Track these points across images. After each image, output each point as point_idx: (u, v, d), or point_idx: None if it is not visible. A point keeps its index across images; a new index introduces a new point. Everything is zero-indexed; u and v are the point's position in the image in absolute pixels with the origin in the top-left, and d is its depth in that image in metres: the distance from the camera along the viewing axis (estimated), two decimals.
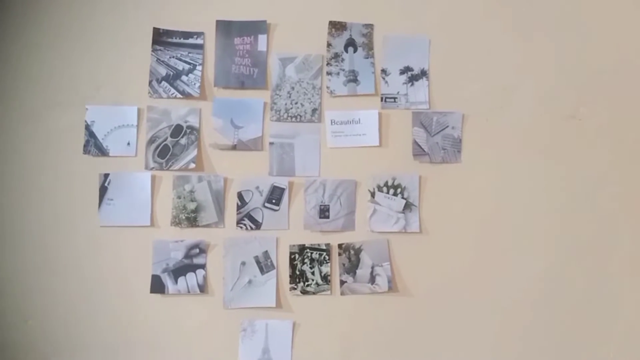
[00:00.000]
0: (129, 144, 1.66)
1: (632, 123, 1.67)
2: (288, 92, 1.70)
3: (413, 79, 1.70)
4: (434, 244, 1.64)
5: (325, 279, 1.64)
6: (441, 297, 1.64)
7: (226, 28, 1.71)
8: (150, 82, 1.68)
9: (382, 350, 1.63)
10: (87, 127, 1.66)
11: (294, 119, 1.69)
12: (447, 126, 1.67)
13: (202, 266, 1.64)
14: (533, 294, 1.64)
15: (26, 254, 1.64)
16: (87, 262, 1.64)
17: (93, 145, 1.66)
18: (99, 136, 1.66)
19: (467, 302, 1.64)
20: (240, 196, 1.66)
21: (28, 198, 1.64)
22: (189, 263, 1.63)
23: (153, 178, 1.65)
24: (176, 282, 1.63)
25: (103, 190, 1.64)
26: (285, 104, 1.69)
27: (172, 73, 1.69)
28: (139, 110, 1.67)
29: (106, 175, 1.65)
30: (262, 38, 1.71)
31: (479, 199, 1.66)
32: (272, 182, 1.66)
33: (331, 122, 1.68)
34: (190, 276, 1.63)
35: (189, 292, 1.63)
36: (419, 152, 1.67)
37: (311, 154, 1.68)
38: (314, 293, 1.64)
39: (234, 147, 1.67)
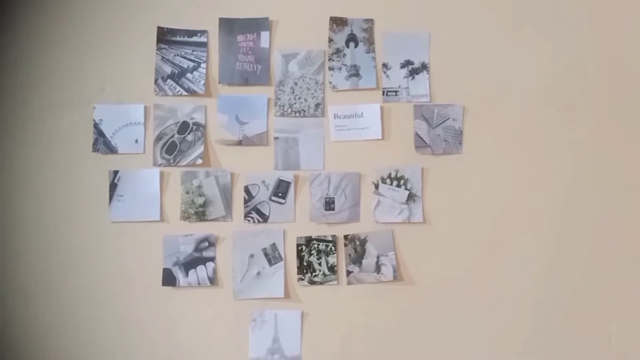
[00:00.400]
0: (136, 141, 1.70)
1: (629, 115, 1.70)
2: (291, 88, 1.73)
3: (414, 72, 1.73)
4: (438, 233, 1.68)
5: (332, 269, 1.68)
6: (445, 285, 1.68)
7: (229, 26, 1.74)
8: (155, 80, 1.71)
9: (388, 338, 1.67)
10: (96, 126, 1.69)
11: (297, 114, 1.72)
12: (448, 118, 1.71)
13: (212, 259, 1.67)
14: (535, 284, 1.68)
15: (38, 251, 1.67)
16: (100, 257, 1.67)
17: (102, 143, 1.69)
18: (108, 134, 1.69)
19: (470, 290, 1.67)
20: (247, 190, 1.70)
21: (39, 196, 1.67)
22: (198, 256, 1.67)
23: (161, 174, 1.69)
24: (187, 274, 1.66)
25: (113, 187, 1.68)
26: (289, 100, 1.72)
27: (177, 71, 1.72)
28: (145, 108, 1.70)
29: (116, 172, 1.68)
30: (264, 35, 1.74)
31: (480, 189, 1.69)
32: (278, 176, 1.70)
33: (334, 117, 1.71)
34: (201, 269, 1.67)
35: (199, 284, 1.67)
36: (421, 144, 1.71)
37: (315, 148, 1.71)
38: (321, 283, 1.68)
39: (240, 143, 1.71)
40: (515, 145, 1.71)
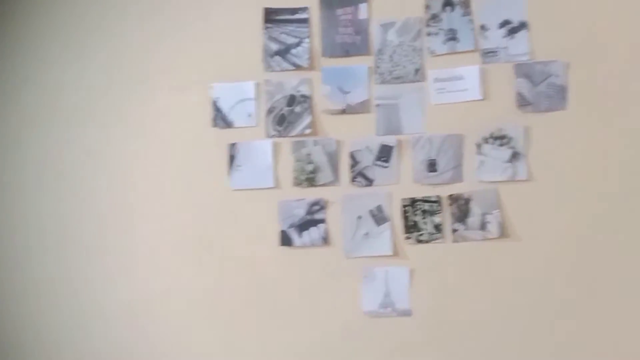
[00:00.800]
0: (250, 115, 1.85)
1: None
2: (390, 56, 1.80)
3: (512, 31, 1.74)
4: (543, 190, 1.69)
5: (437, 228, 1.75)
6: (551, 241, 1.69)
7: (328, 1, 1.83)
8: (264, 58, 1.85)
9: (494, 293, 1.71)
10: (214, 103, 1.86)
11: (397, 81, 1.79)
12: (551, 75, 1.70)
13: (323, 221, 1.80)
14: None
15: (170, 216, 1.86)
16: (225, 221, 1.83)
17: (220, 118, 1.86)
18: (224, 110, 1.86)
19: (577, 245, 1.68)
20: (352, 156, 1.80)
21: (168, 168, 1.87)
22: (310, 219, 1.80)
23: (273, 145, 1.83)
24: (301, 235, 1.81)
25: (231, 158, 1.84)
26: (389, 67, 1.80)
27: (282, 48, 1.84)
28: (256, 84, 1.84)
29: (233, 145, 1.84)
30: (362, 7, 1.81)
31: (586, 144, 1.68)
32: (381, 141, 1.78)
33: (434, 80, 1.77)
34: (313, 230, 1.80)
35: (312, 244, 1.80)
36: (523, 102, 1.72)
37: (416, 112, 1.78)
38: (427, 242, 1.75)
39: (344, 112, 1.81)
40: (621, 100, 1.67)
